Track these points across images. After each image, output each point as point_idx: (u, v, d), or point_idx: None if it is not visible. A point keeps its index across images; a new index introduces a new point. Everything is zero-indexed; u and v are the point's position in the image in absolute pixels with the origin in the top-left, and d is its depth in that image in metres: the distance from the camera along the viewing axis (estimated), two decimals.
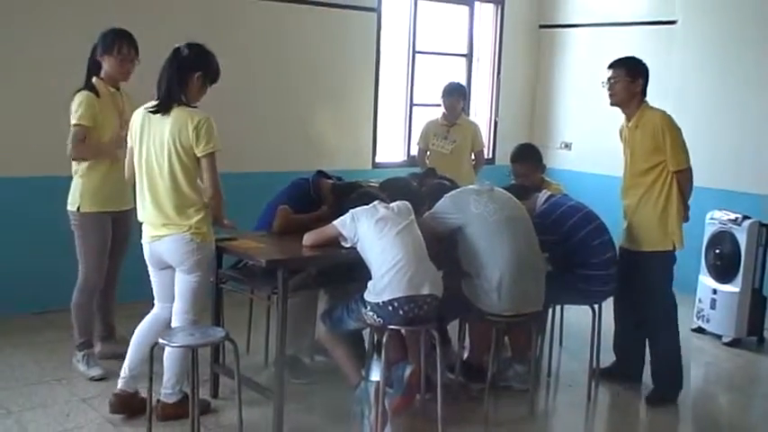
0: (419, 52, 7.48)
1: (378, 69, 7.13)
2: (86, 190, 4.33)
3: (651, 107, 4.57)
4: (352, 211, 3.91)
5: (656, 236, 4.50)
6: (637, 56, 4.74)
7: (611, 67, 4.61)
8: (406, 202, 4.04)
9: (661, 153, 4.44)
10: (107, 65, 4.34)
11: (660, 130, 4.44)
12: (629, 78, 4.52)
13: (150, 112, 3.66)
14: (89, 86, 4.33)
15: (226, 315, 4.29)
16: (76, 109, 4.28)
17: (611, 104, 4.65)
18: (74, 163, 4.39)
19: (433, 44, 7.64)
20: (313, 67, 6.68)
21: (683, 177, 4.48)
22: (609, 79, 4.58)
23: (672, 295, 4.59)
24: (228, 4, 6.14)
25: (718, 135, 6.65)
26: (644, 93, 4.57)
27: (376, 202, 3.95)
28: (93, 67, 4.38)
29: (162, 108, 3.63)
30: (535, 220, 4.39)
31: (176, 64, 3.65)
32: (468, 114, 7.41)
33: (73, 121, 4.28)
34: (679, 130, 4.48)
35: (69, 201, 4.40)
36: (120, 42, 4.32)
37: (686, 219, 4.63)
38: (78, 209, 4.34)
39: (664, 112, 4.54)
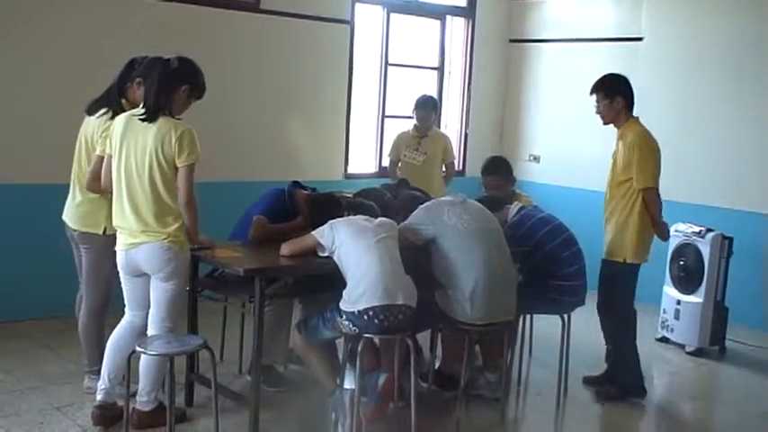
0: (391, 65, 7.56)
1: (350, 81, 7.19)
2: (111, 211, 3.90)
3: (636, 122, 4.72)
4: (331, 221, 3.97)
5: (613, 247, 4.67)
6: (606, 71, 4.88)
7: (591, 92, 4.76)
8: (392, 221, 4.13)
9: (632, 168, 4.56)
10: (140, 93, 3.99)
11: (631, 146, 4.57)
12: (608, 100, 4.68)
13: (139, 119, 3.68)
14: (122, 111, 3.96)
15: (199, 323, 4.31)
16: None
17: (604, 124, 4.78)
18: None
19: (405, 57, 7.73)
20: (286, 79, 6.73)
21: (647, 196, 4.59)
22: (595, 103, 4.73)
23: (626, 305, 4.71)
24: (202, 16, 6.16)
25: (685, 150, 6.81)
26: (630, 107, 4.72)
27: (359, 216, 4.02)
28: (122, 87, 4.14)
29: (149, 116, 3.67)
30: (507, 231, 4.48)
31: (165, 75, 3.70)
32: (439, 126, 7.51)
33: (102, 152, 3.93)
34: (650, 149, 4.59)
35: (87, 223, 4.13)
36: None
37: (664, 237, 4.84)
38: (104, 231, 4.07)
39: (642, 130, 4.67)
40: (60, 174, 4.54)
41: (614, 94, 4.67)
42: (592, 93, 4.75)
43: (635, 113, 4.75)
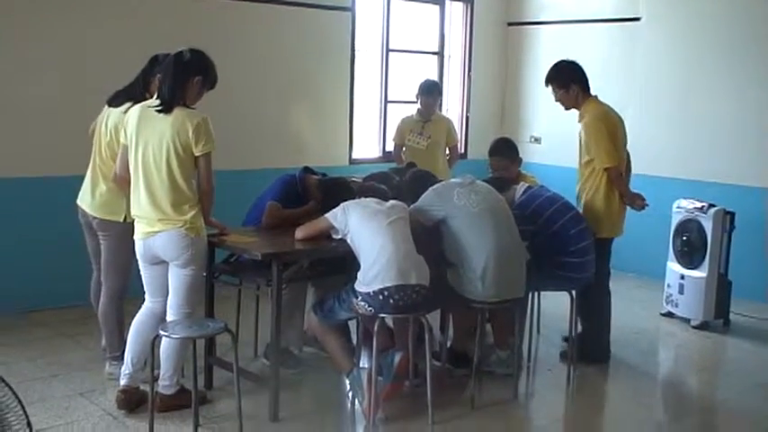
0: (392, 50, 7.62)
1: (353, 68, 7.26)
2: (129, 199, 3.96)
3: (592, 103, 4.90)
4: (343, 203, 4.05)
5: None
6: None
7: (546, 83, 4.98)
8: (403, 204, 4.21)
9: (592, 150, 4.81)
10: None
11: (586, 129, 4.83)
12: (563, 89, 4.92)
13: (156, 110, 3.76)
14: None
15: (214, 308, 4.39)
16: None
17: (566, 110, 5.03)
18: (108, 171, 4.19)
19: (405, 42, 7.79)
20: (289, 67, 6.78)
21: (610, 174, 4.81)
22: (552, 93, 4.96)
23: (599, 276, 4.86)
24: (205, 6, 6.21)
25: (685, 127, 6.91)
26: (586, 89, 4.91)
27: (370, 199, 4.10)
28: (146, 82, 4.24)
29: (165, 107, 3.75)
30: (515, 211, 4.57)
31: (178, 67, 3.77)
32: (441, 110, 7.57)
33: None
34: (600, 129, 4.77)
35: (106, 210, 4.22)
36: None
37: (639, 206, 4.98)
38: (125, 219, 4.14)
39: (596, 109, 4.86)
40: (74, 165, 4.63)
41: (568, 83, 4.89)
42: (547, 84, 4.96)
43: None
